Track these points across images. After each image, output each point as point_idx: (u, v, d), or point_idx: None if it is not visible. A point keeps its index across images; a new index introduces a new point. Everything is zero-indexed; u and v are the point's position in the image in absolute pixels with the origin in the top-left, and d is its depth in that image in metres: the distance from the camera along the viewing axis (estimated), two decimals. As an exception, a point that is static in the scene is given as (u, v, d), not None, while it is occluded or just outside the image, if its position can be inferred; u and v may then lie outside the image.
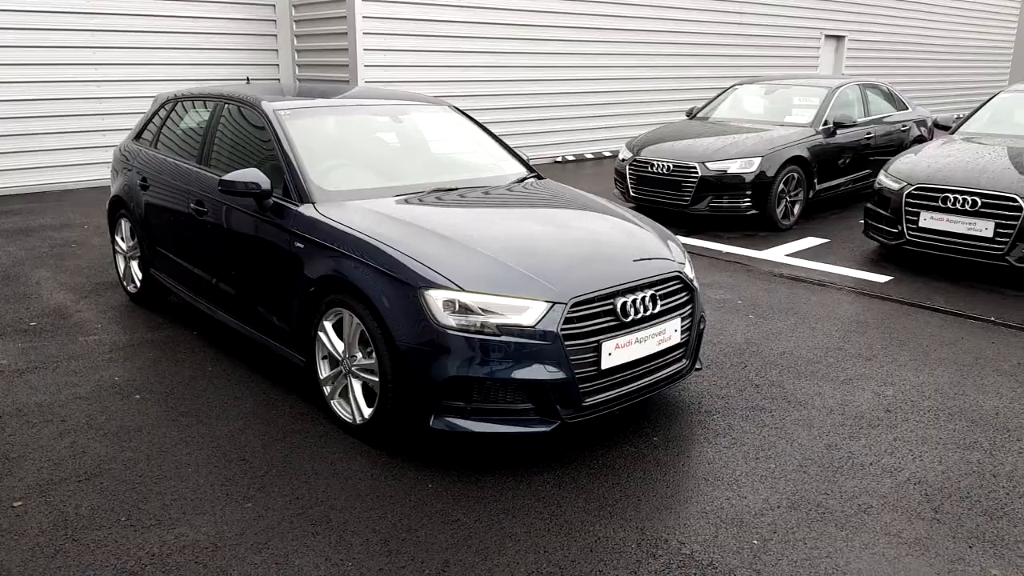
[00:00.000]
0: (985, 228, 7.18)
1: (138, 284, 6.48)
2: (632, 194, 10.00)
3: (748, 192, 9.24)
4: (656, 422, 4.62)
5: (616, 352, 4.03)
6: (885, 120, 11.22)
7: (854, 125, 10.43)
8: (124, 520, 3.60)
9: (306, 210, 4.62)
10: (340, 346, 4.34)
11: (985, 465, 4.20)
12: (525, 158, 6.02)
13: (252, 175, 4.72)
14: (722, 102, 11.46)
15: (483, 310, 3.85)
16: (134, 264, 6.52)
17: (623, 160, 10.18)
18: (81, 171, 12.04)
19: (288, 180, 4.81)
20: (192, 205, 5.47)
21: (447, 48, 13.74)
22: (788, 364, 5.50)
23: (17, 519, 3.60)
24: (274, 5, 13.50)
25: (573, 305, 3.92)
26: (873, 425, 4.63)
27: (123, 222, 6.59)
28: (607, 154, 16.52)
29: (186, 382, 5.09)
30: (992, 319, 6.45)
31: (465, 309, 3.85)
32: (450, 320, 3.85)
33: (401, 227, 4.35)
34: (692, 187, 9.34)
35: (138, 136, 6.62)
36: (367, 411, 4.24)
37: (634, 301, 4.10)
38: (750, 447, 4.35)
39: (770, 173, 9.26)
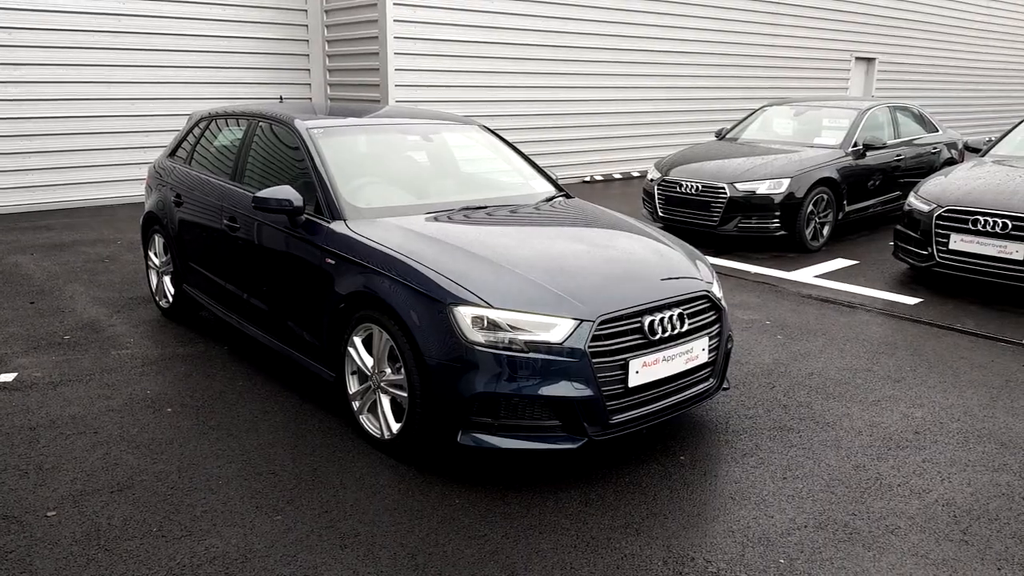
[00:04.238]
0: (1016, 251, 7.13)
1: (170, 299, 6.57)
2: (660, 214, 10.01)
3: (777, 213, 9.23)
4: (683, 441, 4.62)
5: (643, 370, 4.04)
6: (915, 142, 11.16)
7: (884, 147, 10.40)
8: (155, 531, 3.65)
9: (337, 227, 4.68)
10: (369, 361, 4.38)
11: (1015, 488, 4.17)
12: (554, 177, 6.06)
13: (285, 192, 4.79)
14: (751, 123, 11.46)
15: (511, 327, 3.88)
16: (167, 279, 6.61)
17: (651, 180, 10.20)
18: (115, 187, 12.22)
19: (320, 197, 4.88)
20: (225, 221, 5.55)
21: (477, 68, 13.86)
22: (816, 385, 5.48)
23: (51, 528, 3.66)
24: (307, 25, 13.68)
25: (601, 323, 3.94)
26: (901, 446, 4.61)
27: (156, 238, 6.68)
28: (635, 174, 16.54)
29: (217, 396, 5.15)
30: (1023, 342, 6.40)
31: (493, 326, 3.88)
32: (478, 336, 3.88)
33: (431, 244, 4.39)
34: (721, 208, 9.34)
35: (172, 153, 6.73)
36: (395, 426, 4.28)
37: (662, 320, 4.12)
38: (777, 467, 4.34)
39: (799, 194, 9.25)
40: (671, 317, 4.16)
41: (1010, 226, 7.15)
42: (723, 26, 17.31)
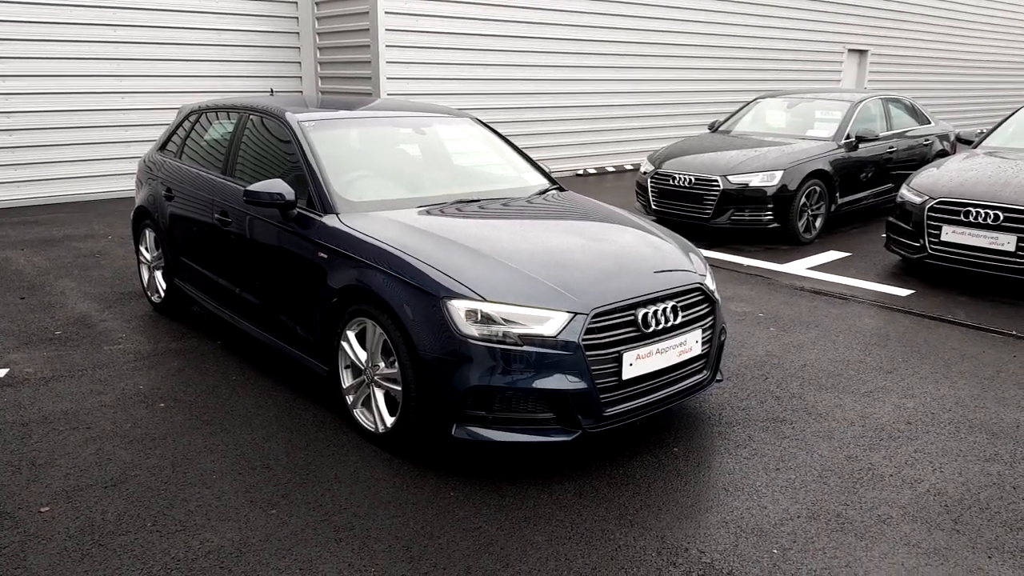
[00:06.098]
0: (1007, 242, 7.15)
1: (162, 294, 6.55)
2: (653, 207, 10.01)
3: (770, 205, 9.24)
4: (677, 433, 4.63)
5: (637, 363, 4.05)
6: (908, 134, 11.19)
7: (876, 139, 10.41)
8: (150, 526, 3.64)
9: (330, 220, 4.67)
10: (363, 355, 4.38)
11: (1005, 477, 4.19)
12: (547, 170, 6.06)
13: (276, 186, 4.78)
14: (744, 116, 11.46)
15: (505, 320, 3.88)
16: (158, 274, 6.59)
17: (644, 173, 10.20)
18: (106, 182, 12.18)
19: (312, 191, 4.87)
20: (216, 215, 5.53)
21: (469, 61, 13.83)
22: (809, 376, 5.50)
23: (45, 524, 3.65)
24: (297, 17, 13.64)
25: (594, 316, 3.94)
26: (893, 437, 4.62)
27: (147, 232, 6.66)
28: (628, 167, 16.54)
29: (210, 391, 5.14)
30: (1013, 333, 6.42)
31: (487, 319, 3.88)
32: (472, 330, 3.88)
33: (424, 238, 4.39)
34: (714, 200, 9.34)
35: (163, 147, 6.70)
36: (389, 420, 4.28)
37: (655, 312, 4.12)
38: (770, 458, 4.35)
39: (792, 187, 9.26)
40: (665, 310, 4.17)
41: (1002, 217, 7.17)
42: (715, 18, 17.30)
